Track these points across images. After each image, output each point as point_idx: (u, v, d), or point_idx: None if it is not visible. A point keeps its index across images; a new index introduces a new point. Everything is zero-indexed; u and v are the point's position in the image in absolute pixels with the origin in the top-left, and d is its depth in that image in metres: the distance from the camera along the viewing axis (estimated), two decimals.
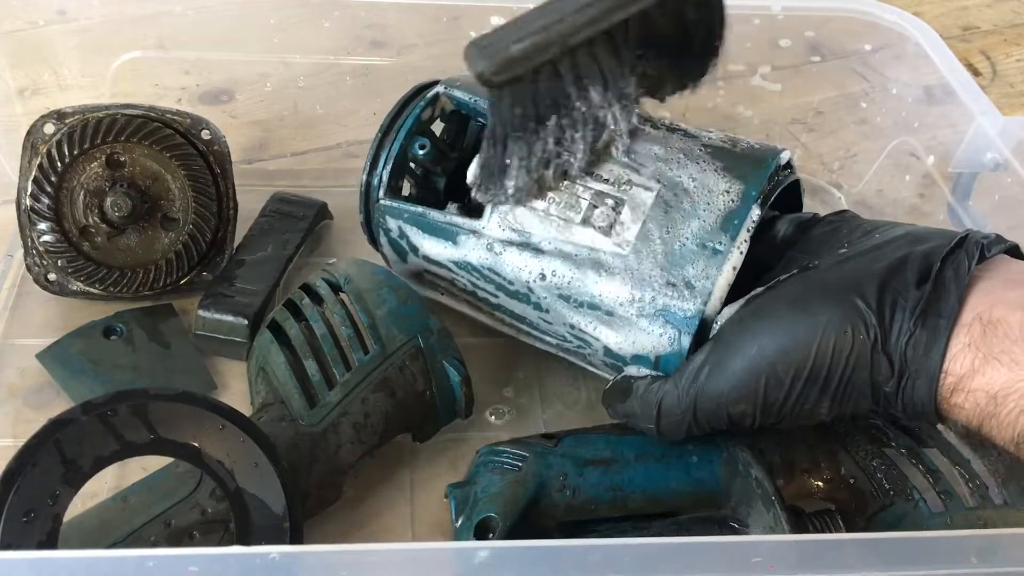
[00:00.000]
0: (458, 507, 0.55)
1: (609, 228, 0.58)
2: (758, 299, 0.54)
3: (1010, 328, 0.47)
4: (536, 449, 0.56)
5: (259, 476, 0.52)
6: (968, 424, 0.49)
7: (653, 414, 0.55)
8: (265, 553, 0.40)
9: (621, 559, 0.42)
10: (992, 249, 0.51)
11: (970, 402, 0.48)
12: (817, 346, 0.50)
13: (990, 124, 0.69)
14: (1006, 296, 0.48)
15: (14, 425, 0.63)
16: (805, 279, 0.54)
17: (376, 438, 0.58)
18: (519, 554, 0.42)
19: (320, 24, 0.80)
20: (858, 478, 0.56)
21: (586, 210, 0.58)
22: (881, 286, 0.50)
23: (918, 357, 0.48)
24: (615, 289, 0.57)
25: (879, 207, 0.83)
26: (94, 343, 0.68)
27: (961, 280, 0.49)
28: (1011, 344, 0.47)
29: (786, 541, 0.46)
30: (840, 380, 0.50)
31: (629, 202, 0.58)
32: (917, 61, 0.76)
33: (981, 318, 0.48)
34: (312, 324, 0.60)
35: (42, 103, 0.78)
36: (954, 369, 0.48)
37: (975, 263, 0.50)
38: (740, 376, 0.52)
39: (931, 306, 0.49)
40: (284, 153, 0.85)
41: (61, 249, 0.68)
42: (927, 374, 0.48)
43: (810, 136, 0.89)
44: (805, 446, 0.58)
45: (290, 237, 0.75)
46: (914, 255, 0.51)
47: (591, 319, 0.59)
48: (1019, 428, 0.46)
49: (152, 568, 0.39)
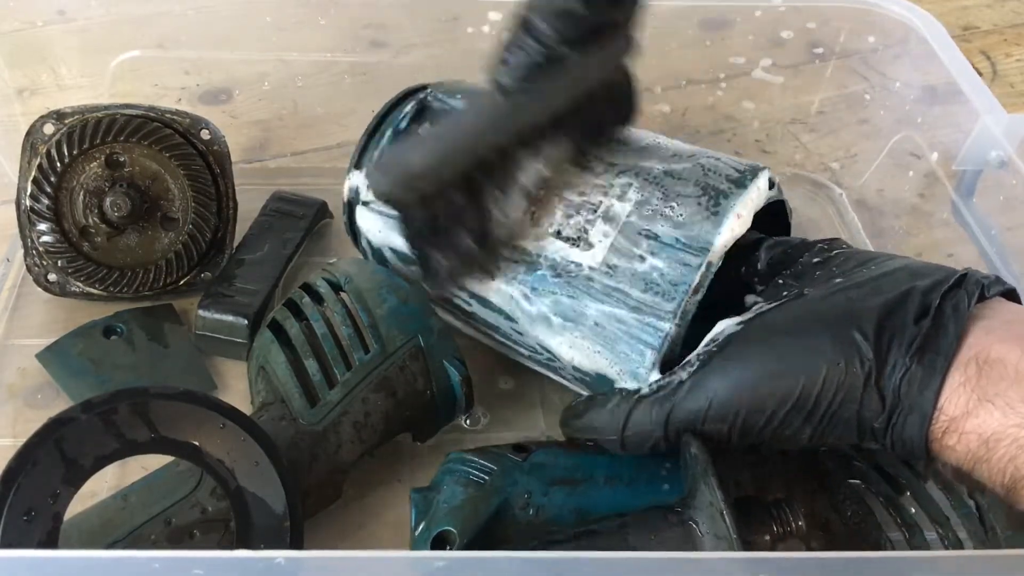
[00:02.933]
0: (418, 515, 0.54)
1: (578, 242, 0.57)
2: (749, 323, 0.53)
3: (1006, 369, 0.46)
4: (504, 463, 0.55)
5: (260, 475, 0.52)
6: (959, 466, 0.48)
7: (619, 425, 0.54)
8: (271, 557, 0.39)
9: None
10: (992, 289, 0.50)
11: (962, 444, 0.47)
12: (807, 376, 0.49)
13: (995, 122, 0.68)
14: (1004, 336, 0.48)
15: (14, 425, 0.63)
16: (799, 307, 0.53)
17: (376, 437, 0.58)
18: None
19: (319, 23, 0.80)
20: (832, 520, 0.56)
21: (558, 224, 0.58)
22: (880, 321, 0.49)
23: (912, 394, 0.48)
24: (582, 307, 0.57)
25: (880, 206, 0.83)
26: (94, 343, 0.68)
27: (960, 318, 0.48)
28: (1006, 386, 0.46)
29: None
30: (826, 411, 0.49)
31: (601, 219, 0.57)
32: (921, 58, 0.76)
33: (978, 358, 0.47)
34: (312, 323, 0.60)
35: (41, 103, 0.78)
36: (948, 409, 0.47)
37: (975, 301, 0.49)
38: (721, 397, 0.51)
39: (929, 343, 0.48)
40: (284, 153, 0.85)
41: (61, 249, 0.68)
42: (920, 411, 0.47)
43: (810, 135, 0.89)
44: (783, 482, 0.57)
45: (290, 237, 0.74)
46: (915, 291, 0.50)
47: (558, 335, 0.59)
48: (1008, 476, 0.45)
49: (157, 569, 0.39)
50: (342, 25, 0.81)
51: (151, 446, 0.52)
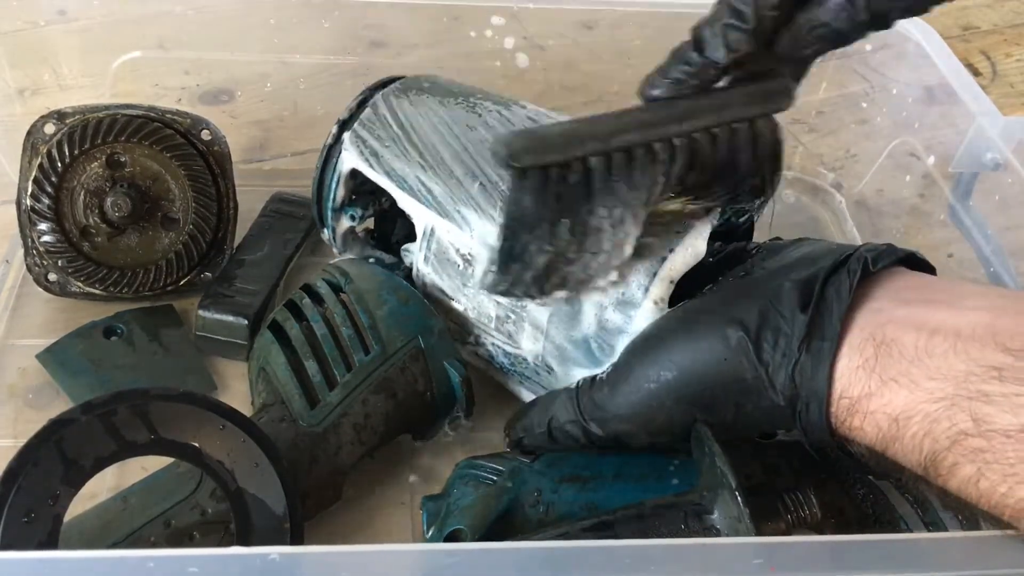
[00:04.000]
0: (429, 519, 0.55)
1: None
2: (655, 322, 0.54)
3: (904, 348, 0.46)
4: (513, 464, 0.56)
5: (260, 476, 0.52)
6: (873, 448, 0.47)
7: (546, 421, 0.56)
8: (265, 554, 0.39)
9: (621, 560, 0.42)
10: (878, 263, 0.50)
11: (870, 425, 0.47)
12: (691, 372, 0.50)
13: (990, 124, 0.69)
14: (895, 315, 0.47)
15: (14, 425, 0.63)
16: (693, 304, 0.54)
17: (376, 439, 0.58)
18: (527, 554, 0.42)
19: (320, 24, 0.80)
20: (844, 505, 0.55)
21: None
22: (762, 313, 0.49)
23: (805, 382, 0.48)
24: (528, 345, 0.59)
25: (879, 207, 0.83)
26: (94, 343, 0.68)
27: (843, 301, 0.48)
28: (908, 365, 0.45)
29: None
30: (725, 404, 0.50)
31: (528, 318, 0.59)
32: (917, 61, 0.76)
33: (874, 338, 0.47)
34: (313, 324, 0.60)
35: (42, 103, 0.78)
36: (849, 392, 0.47)
37: (856, 280, 0.49)
38: (627, 396, 0.52)
39: (814, 330, 0.48)
40: (284, 153, 0.85)
41: (61, 249, 0.68)
42: (816, 398, 0.48)
43: (810, 136, 0.89)
44: (792, 472, 0.57)
45: (290, 237, 0.75)
46: (797, 281, 0.50)
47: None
48: (925, 451, 0.45)
49: (152, 569, 0.39)
50: (343, 26, 0.81)
51: (151, 447, 0.52)
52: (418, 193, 0.62)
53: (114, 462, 0.51)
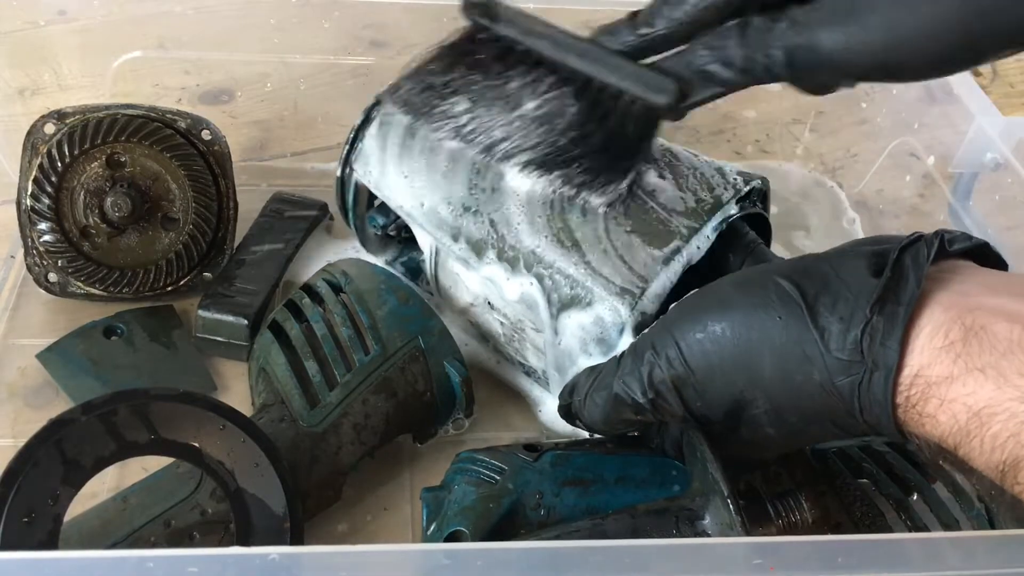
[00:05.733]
0: (430, 515, 0.54)
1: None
2: (698, 290, 0.52)
3: (996, 339, 0.42)
4: (515, 463, 0.55)
5: (260, 476, 0.52)
6: (942, 442, 0.43)
7: (583, 394, 0.54)
8: (264, 554, 0.39)
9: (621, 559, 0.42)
10: (956, 244, 0.47)
11: (946, 414, 0.43)
12: (742, 323, 0.47)
13: (990, 124, 0.69)
14: (985, 302, 0.44)
15: (14, 425, 0.63)
16: (749, 270, 0.52)
17: (376, 439, 0.58)
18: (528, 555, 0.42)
19: (320, 24, 0.80)
20: (842, 522, 0.55)
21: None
22: (822, 277, 0.46)
23: (875, 348, 0.44)
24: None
25: (879, 207, 0.83)
26: (94, 343, 0.68)
27: (920, 267, 0.45)
28: (998, 357, 0.42)
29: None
30: (771, 370, 0.46)
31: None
32: None
33: (962, 321, 0.43)
34: (313, 325, 0.60)
35: (42, 103, 0.78)
36: (928, 371, 0.43)
37: (935, 250, 0.45)
38: (677, 345, 0.49)
39: (888, 294, 0.44)
40: (284, 153, 0.85)
41: (61, 249, 0.68)
42: (885, 366, 0.43)
43: (810, 136, 0.89)
44: (791, 484, 0.56)
45: (290, 237, 0.75)
46: (866, 252, 0.47)
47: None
48: (1007, 454, 0.41)
49: (152, 569, 0.39)
50: (343, 26, 0.81)
51: (151, 447, 0.52)
52: (416, 218, 0.64)
53: (114, 462, 0.51)
